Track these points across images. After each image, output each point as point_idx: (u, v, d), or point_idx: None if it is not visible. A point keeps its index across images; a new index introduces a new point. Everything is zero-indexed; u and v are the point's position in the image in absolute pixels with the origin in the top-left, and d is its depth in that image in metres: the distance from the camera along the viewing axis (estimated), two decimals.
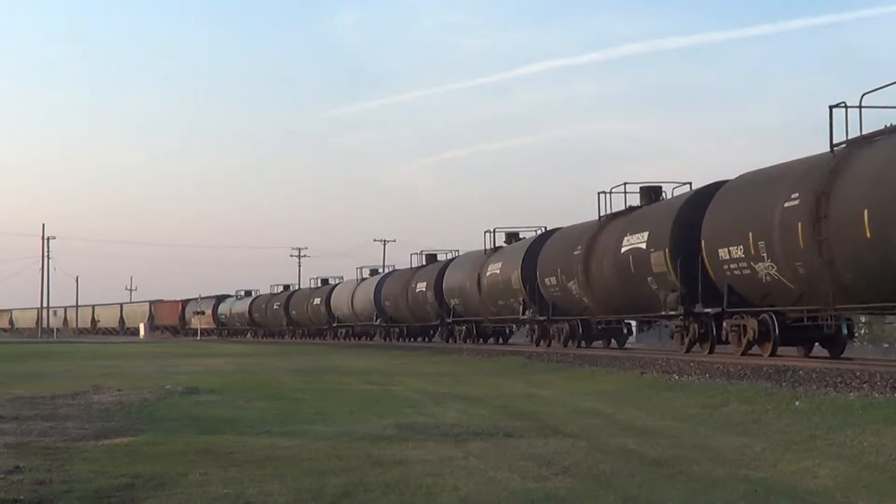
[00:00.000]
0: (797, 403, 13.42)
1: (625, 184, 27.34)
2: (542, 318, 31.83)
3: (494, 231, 38.43)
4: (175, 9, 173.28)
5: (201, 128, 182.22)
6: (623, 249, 25.09)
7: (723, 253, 20.29)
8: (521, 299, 33.01)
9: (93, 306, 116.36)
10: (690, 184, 24.77)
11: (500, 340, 41.13)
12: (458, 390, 18.97)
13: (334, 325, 60.69)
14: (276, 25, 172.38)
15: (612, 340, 31.22)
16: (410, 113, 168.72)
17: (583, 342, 30.24)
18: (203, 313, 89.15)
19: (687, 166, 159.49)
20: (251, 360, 35.43)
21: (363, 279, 58.04)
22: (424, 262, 48.46)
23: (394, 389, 19.41)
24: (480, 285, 37.13)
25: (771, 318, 19.71)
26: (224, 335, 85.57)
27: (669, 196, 25.54)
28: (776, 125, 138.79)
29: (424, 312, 45.45)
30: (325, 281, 67.62)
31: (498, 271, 35.46)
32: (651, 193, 26.54)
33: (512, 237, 38.33)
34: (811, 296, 18.12)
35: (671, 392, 16.60)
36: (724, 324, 21.48)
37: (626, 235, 25.19)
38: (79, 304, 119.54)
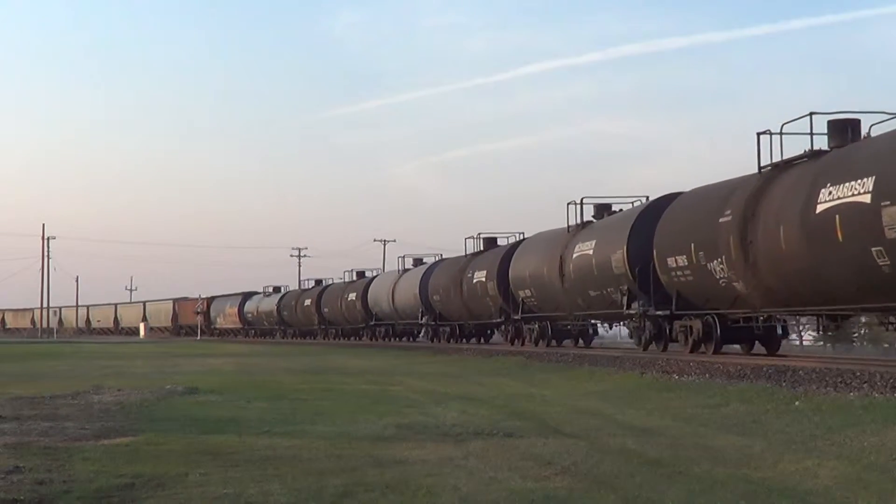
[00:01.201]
0: (797, 403, 13.42)
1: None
2: (660, 312, 24.01)
3: (582, 202, 30.01)
4: (175, 9, 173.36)
5: (201, 128, 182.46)
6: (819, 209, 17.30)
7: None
8: (625, 287, 25.31)
9: (116, 304, 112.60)
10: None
11: (582, 342, 32.99)
12: (459, 390, 18.97)
13: (372, 323, 53.62)
14: (276, 26, 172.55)
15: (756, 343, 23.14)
16: (410, 113, 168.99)
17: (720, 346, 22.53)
18: (203, 313, 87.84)
19: (686, 166, 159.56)
20: (251, 361, 35.42)
21: (406, 269, 50.51)
22: (483, 247, 40.38)
23: (394, 389, 19.41)
24: (563, 271, 29.08)
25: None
26: (251, 336, 79.35)
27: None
28: (776, 125, 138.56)
29: (483, 308, 38.04)
30: (360, 274, 60.76)
31: (590, 251, 27.14)
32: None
33: (603, 210, 29.66)
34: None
35: (671, 392, 16.60)
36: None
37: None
38: (89, 303, 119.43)
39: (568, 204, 30.23)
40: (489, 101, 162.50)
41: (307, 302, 66.48)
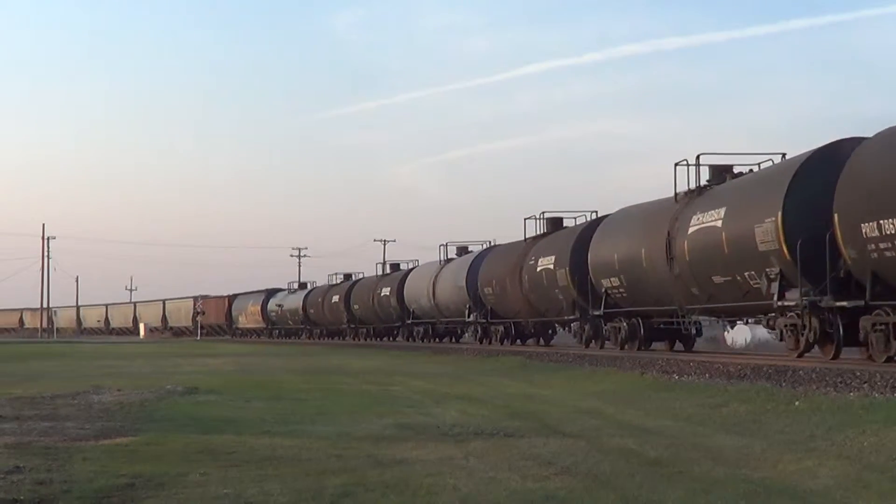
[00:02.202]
0: (797, 403, 13.42)
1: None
2: (842, 303, 17.93)
3: (699, 160, 23.55)
4: (175, 9, 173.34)
5: (201, 128, 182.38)
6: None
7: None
8: (776, 270, 19.40)
9: (135, 303, 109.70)
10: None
11: (681, 345, 26.75)
12: (459, 390, 18.97)
13: (409, 321, 47.09)
14: (276, 25, 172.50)
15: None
16: (410, 113, 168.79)
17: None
18: (203, 313, 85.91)
19: None
20: (251, 361, 35.42)
21: (448, 259, 43.45)
22: (546, 229, 33.63)
23: (394, 389, 19.41)
24: (672, 252, 23.10)
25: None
26: (276, 336, 73.18)
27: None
28: (776, 125, 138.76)
29: (550, 301, 31.55)
30: (394, 266, 54.26)
31: (717, 223, 21.05)
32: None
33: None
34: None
35: (671, 392, 16.60)
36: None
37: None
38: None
39: (676, 164, 23.96)
40: (489, 101, 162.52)
41: (335, 298, 59.54)
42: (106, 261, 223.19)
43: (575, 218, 32.97)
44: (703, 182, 23.32)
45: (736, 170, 22.97)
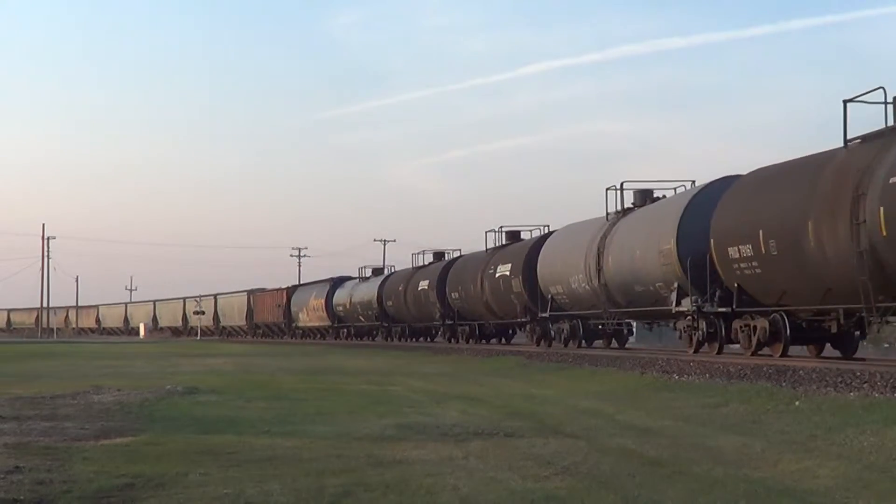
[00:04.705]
0: (797, 403, 13.42)
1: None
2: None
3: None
4: (175, 9, 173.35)
5: (201, 128, 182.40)
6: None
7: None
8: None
9: (154, 302, 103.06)
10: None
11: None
12: (459, 390, 18.98)
13: (543, 315, 31.94)
14: (276, 25, 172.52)
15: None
16: (410, 113, 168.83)
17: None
18: (203, 313, 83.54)
19: (686, 166, 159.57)
20: (251, 361, 35.42)
21: (620, 211, 27.76)
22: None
23: (394, 389, 19.41)
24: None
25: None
26: (343, 337, 59.86)
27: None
28: (776, 125, 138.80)
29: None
30: (514, 235, 37.68)
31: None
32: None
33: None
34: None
35: (671, 392, 16.60)
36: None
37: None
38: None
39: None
40: (489, 101, 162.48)
41: (422, 285, 44.87)
42: (106, 261, 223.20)
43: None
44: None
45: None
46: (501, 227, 38.30)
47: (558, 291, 30.35)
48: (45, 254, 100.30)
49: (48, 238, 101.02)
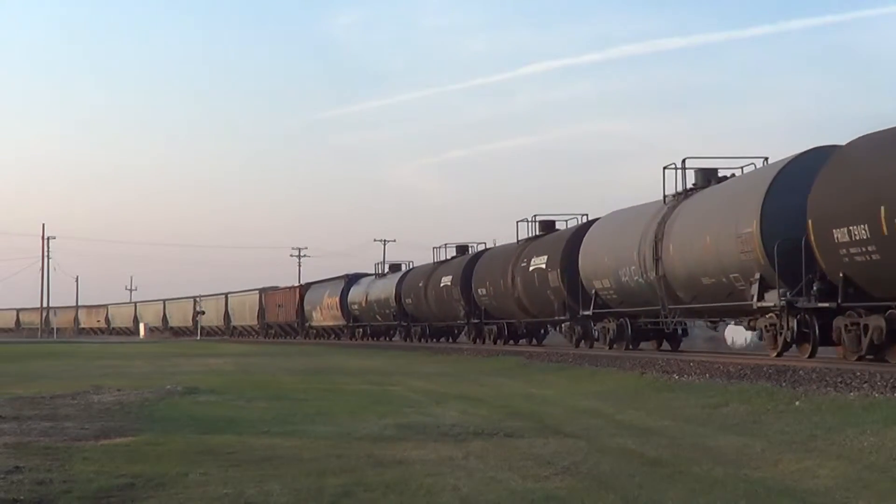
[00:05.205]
0: (797, 403, 13.41)
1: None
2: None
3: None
4: (175, 8, 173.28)
5: (201, 128, 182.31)
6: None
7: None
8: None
9: (164, 301, 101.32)
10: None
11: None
12: (459, 390, 18.98)
13: (585, 312, 28.56)
14: (276, 25, 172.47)
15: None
16: (410, 113, 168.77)
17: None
18: (203, 312, 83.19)
19: None
20: (252, 361, 35.42)
21: (682, 192, 24.41)
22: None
23: (394, 389, 19.41)
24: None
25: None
26: (359, 337, 56.77)
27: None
28: (776, 125, 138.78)
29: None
30: (548, 225, 34.56)
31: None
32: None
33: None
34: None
35: (671, 392, 16.60)
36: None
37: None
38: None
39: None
40: (489, 101, 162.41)
41: (444, 281, 41.86)
42: (106, 261, 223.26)
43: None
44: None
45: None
46: (535, 215, 34.56)
47: (604, 286, 26.94)
48: (46, 254, 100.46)
49: (48, 238, 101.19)
